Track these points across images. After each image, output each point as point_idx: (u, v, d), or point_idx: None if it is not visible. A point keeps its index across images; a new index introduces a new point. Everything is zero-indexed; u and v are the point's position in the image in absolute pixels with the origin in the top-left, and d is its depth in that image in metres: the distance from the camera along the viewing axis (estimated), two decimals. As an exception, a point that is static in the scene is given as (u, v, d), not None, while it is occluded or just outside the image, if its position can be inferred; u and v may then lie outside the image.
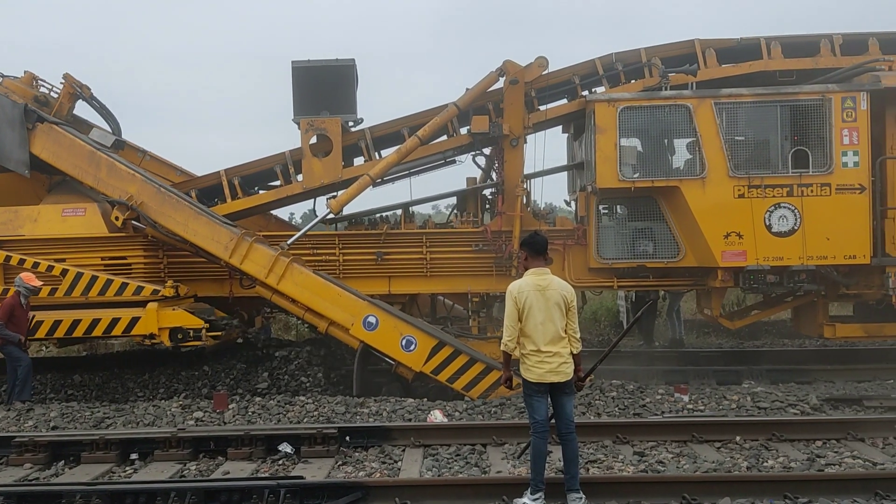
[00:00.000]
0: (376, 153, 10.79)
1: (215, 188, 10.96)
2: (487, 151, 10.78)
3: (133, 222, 9.70)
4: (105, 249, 10.03)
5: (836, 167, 9.42)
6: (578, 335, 5.54)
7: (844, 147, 9.41)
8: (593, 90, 10.63)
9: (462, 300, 10.83)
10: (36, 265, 9.65)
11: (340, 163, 10.52)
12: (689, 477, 5.94)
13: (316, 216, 10.81)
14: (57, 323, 9.54)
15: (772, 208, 9.48)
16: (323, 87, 10.61)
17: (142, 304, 9.44)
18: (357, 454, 6.88)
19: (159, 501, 5.64)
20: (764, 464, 6.37)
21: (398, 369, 9.32)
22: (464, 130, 10.67)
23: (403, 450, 6.95)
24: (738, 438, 6.99)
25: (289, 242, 9.87)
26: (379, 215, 11.28)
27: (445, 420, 7.90)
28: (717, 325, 11.94)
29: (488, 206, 10.90)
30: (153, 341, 9.54)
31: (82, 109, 11.06)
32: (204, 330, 9.35)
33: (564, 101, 10.78)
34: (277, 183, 10.93)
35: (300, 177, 10.68)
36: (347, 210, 10.62)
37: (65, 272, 9.62)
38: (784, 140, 9.61)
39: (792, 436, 7.00)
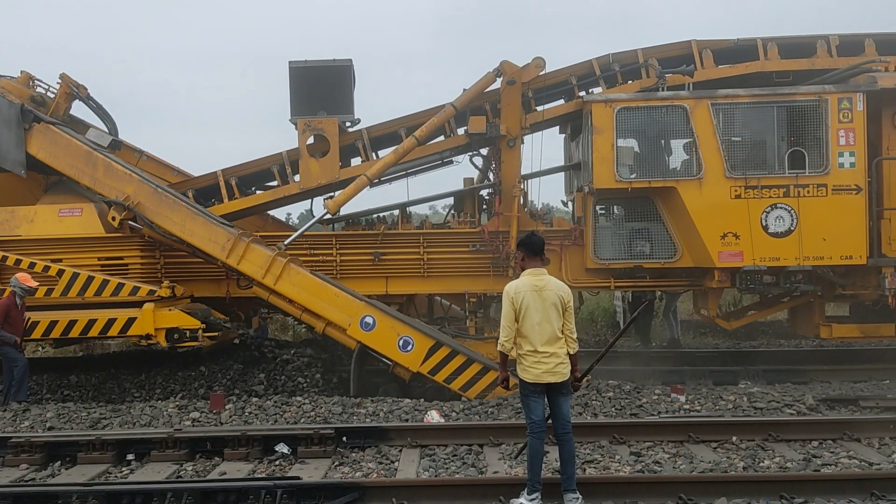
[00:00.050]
0: (373, 154, 10.79)
1: (212, 188, 10.95)
2: (484, 152, 10.80)
3: (130, 223, 9.67)
4: (102, 250, 10.00)
5: (833, 168, 9.43)
6: (575, 336, 5.54)
7: (841, 148, 9.43)
8: (590, 91, 10.62)
9: (459, 300, 10.85)
10: (32, 265, 9.63)
11: (338, 163, 10.51)
12: (686, 477, 5.95)
13: (313, 216, 10.81)
14: (53, 323, 9.52)
15: (768, 209, 9.49)
16: (320, 88, 10.59)
17: (138, 305, 9.42)
18: (354, 455, 6.88)
19: (156, 502, 5.63)
20: (760, 464, 6.39)
21: (395, 370, 9.32)
22: (461, 131, 10.68)
23: (400, 450, 6.95)
24: (735, 439, 7.00)
25: (286, 243, 9.86)
26: (376, 216, 11.28)
27: (442, 420, 7.90)
28: (714, 326, 11.95)
29: (485, 207, 10.90)
30: (149, 342, 9.51)
31: (79, 109, 11.07)
32: (200, 330, 9.34)
33: (561, 102, 10.78)
34: (274, 183, 10.92)
35: (297, 177, 10.66)
36: (344, 210, 10.66)
37: (61, 272, 9.60)
38: (781, 141, 9.63)
39: (788, 436, 7.01)
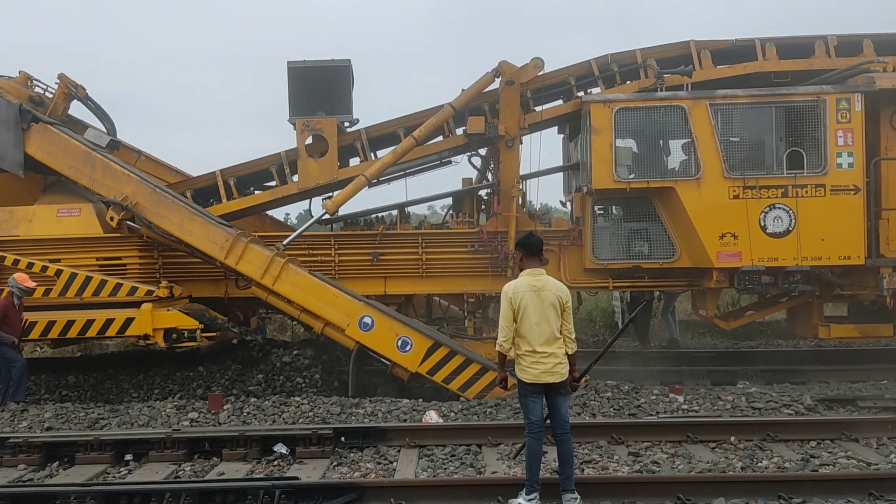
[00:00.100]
0: (372, 154, 10.79)
1: (211, 189, 10.94)
2: (483, 152, 10.80)
3: (128, 223, 9.65)
4: (100, 250, 9.98)
5: (831, 168, 9.44)
6: (573, 336, 5.55)
7: (839, 148, 9.44)
8: (589, 91, 10.63)
9: (458, 301, 10.84)
10: (30, 266, 9.62)
11: (336, 163, 10.50)
12: (684, 477, 5.96)
13: (312, 217, 10.81)
14: (51, 324, 9.50)
15: (767, 209, 9.50)
16: (318, 88, 10.58)
17: (136, 305, 9.41)
18: (352, 455, 6.88)
19: (154, 502, 5.63)
20: (758, 464, 6.39)
21: (394, 370, 9.32)
22: (460, 131, 10.67)
23: (399, 450, 6.95)
24: (733, 439, 7.01)
25: (284, 243, 9.85)
26: (375, 216, 11.27)
27: (441, 421, 7.90)
28: (712, 326, 11.95)
29: (484, 207, 10.90)
30: (148, 342, 9.50)
31: (78, 110, 11.06)
32: (199, 331, 9.33)
33: (560, 102, 10.76)
34: (273, 183, 10.91)
35: (296, 177, 10.65)
36: (343, 210, 10.65)
37: (59, 273, 9.58)
38: (779, 141, 9.63)
39: (786, 436, 7.02)
